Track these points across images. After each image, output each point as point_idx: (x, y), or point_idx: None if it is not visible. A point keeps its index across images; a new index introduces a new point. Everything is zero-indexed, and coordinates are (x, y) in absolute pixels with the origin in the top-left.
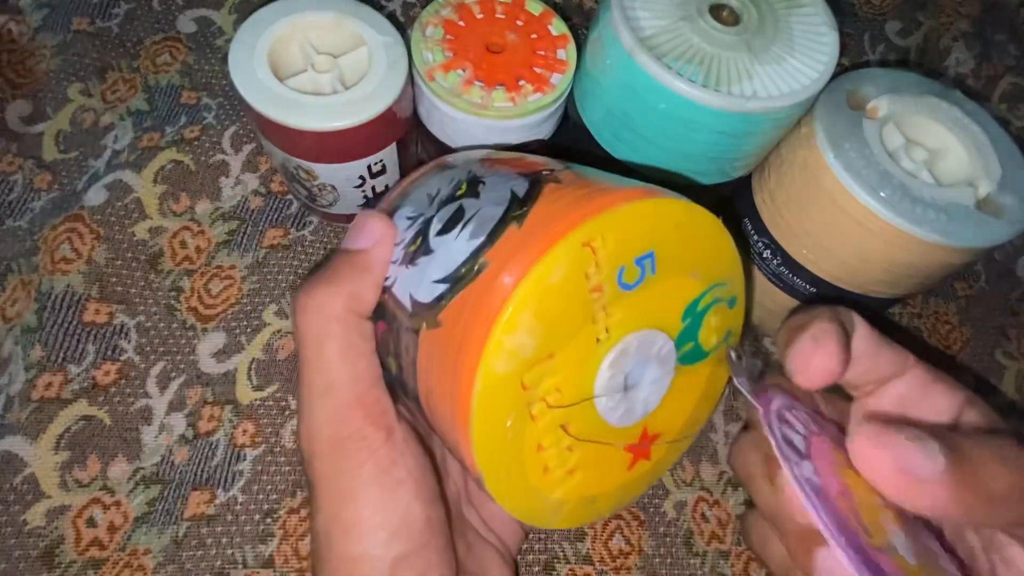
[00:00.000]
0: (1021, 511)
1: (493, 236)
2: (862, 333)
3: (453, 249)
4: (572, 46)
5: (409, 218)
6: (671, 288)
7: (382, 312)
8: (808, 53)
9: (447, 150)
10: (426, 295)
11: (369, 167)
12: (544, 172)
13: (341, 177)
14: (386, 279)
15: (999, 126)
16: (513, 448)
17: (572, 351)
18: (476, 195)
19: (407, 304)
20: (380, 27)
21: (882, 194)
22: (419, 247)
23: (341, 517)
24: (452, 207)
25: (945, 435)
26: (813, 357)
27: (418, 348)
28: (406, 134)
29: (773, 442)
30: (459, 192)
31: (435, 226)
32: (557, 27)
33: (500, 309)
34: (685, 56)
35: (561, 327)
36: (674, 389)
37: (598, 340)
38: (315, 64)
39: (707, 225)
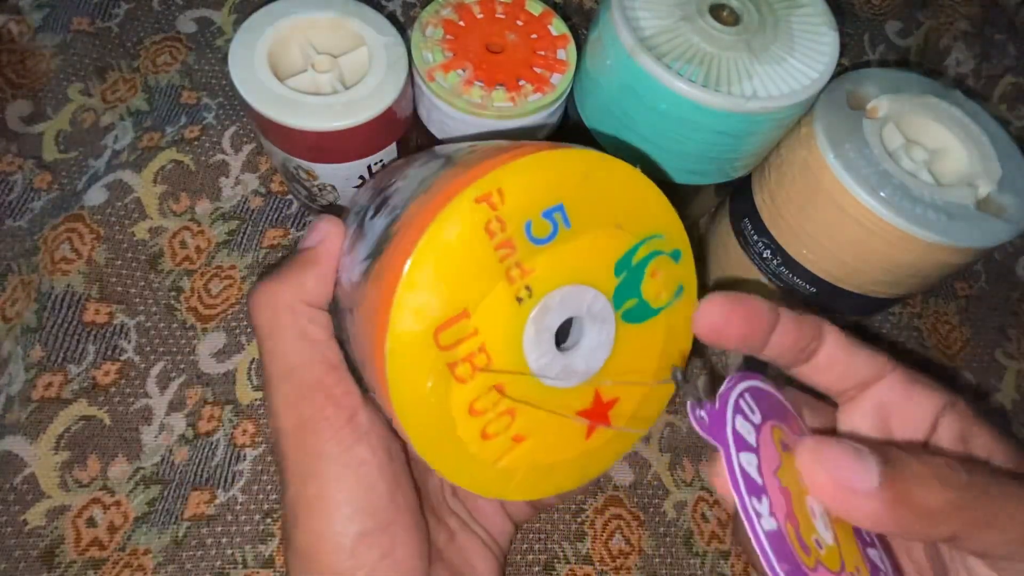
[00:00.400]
0: (954, 528)
1: (404, 208)
2: (833, 338)
3: (376, 228)
4: (572, 46)
5: (356, 213)
6: (593, 241)
7: (337, 305)
8: (808, 53)
9: None
10: (356, 275)
11: (369, 167)
12: (463, 149)
13: (341, 177)
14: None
15: (999, 126)
16: (439, 410)
17: (490, 310)
18: (405, 178)
19: (348, 288)
20: (380, 27)
21: (882, 194)
22: (358, 236)
23: (306, 494)
24: (384, 194)
25: (885, 450)
26: (701, 310)
27: (354, 325)
28: (406, 134)
29: (732, 486)
30: (393, 182)
31: (369, 213)
32: (557, 27)
33: (400, 270)
34: (685, 56)
35: (468, 284)
36: (625, 349)
37: (519, 299)
38: (315, 64)
39: (623, 176)
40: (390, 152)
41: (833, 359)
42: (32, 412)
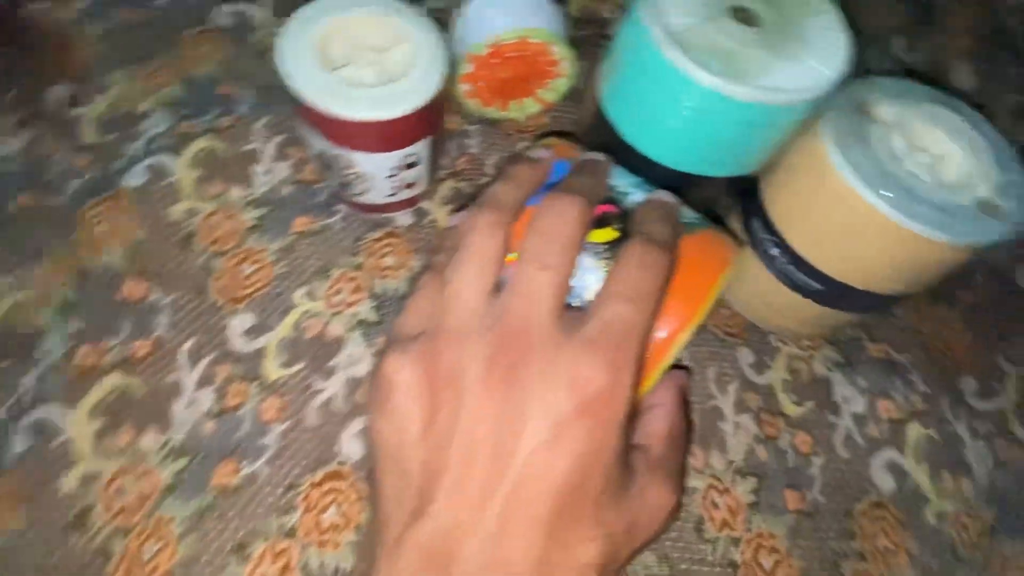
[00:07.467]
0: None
1: (706, 220)
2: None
3: (686, 209)
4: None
5: (621, 176)
6: None
7: (612, 201)
8: (823, 55)
9: None
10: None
11: (404, 158)
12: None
13: (377, 166)
14: (617, 188)
15: (999, 134)
16: None
17: None
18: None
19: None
20: (422, 25)
21: (886, 193)
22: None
23: None
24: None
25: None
26: None
27: None
28: (440, 129)
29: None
30: (648, 188)
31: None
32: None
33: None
34: (709, 51)
35: None
36: None
37: None
38: (359, 59)
39: None
40: (424, 145)
41: None
42: (70, 382)
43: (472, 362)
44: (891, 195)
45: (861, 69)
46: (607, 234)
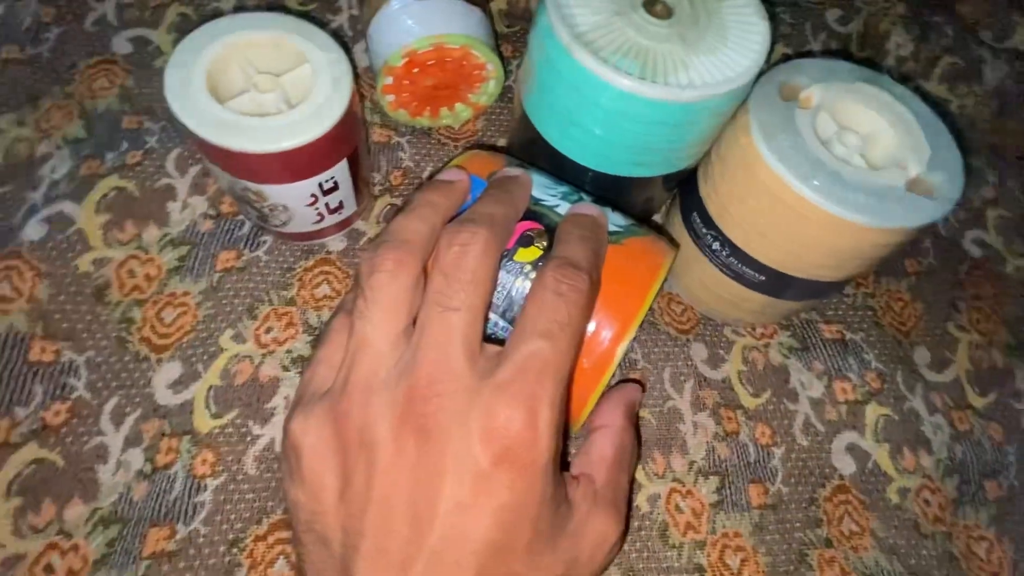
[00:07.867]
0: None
1: (635, 226)
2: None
3: (614, 216)
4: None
5: (547, 187)
6: None
7: (536, 216)
8: (740, 42)
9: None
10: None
11: (320, 185)
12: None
13: (292, 196)
14: (543, 202)
15: (928, 107)
16: None
17: None
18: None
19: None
20: (322, 43)
21: (815, 182)
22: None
23: None
24: (587, 197)
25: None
26: None
27: None
28: (356, 149)
29: None
30: (575, 196)
31: (587, 199)
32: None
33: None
34: (621, 50)
35: None
36: None
37: None
38: (257, 84)
39: None
40: (341, 168)
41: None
42: None
43: (382, 420)
44: (821, 183)
45: (800, 45)
46: (532, 253)
